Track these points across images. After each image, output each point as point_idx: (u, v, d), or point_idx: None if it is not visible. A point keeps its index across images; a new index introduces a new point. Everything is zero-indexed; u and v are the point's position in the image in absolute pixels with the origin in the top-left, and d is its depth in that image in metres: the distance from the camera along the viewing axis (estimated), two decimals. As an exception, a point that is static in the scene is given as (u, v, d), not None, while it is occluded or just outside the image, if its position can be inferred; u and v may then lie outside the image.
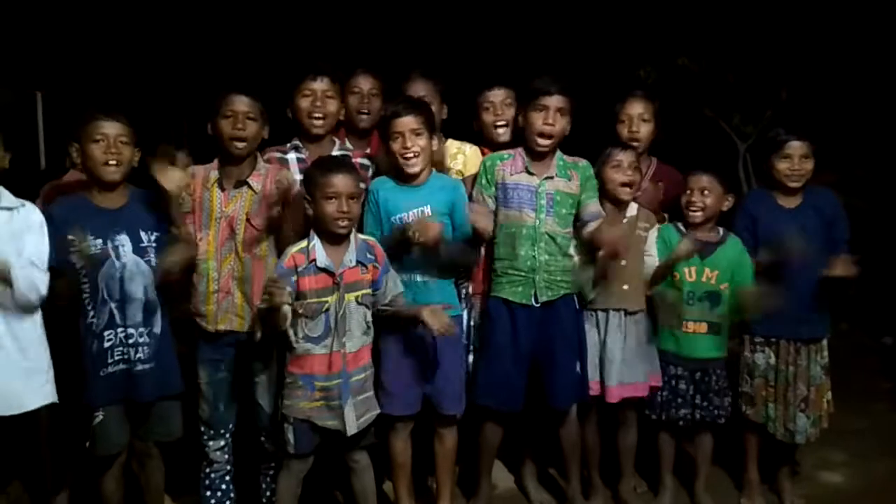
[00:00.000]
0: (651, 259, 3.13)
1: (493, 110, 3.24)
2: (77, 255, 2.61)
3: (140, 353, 2.71)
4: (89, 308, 2.68)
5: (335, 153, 3.05)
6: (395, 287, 2.78)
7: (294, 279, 2.60)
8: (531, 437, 3.37)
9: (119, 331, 2.69)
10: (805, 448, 3.39)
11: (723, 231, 3.17)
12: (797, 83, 6.22)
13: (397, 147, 2.86)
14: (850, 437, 3.82)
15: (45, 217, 2.68)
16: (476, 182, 3.09)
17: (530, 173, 3.00)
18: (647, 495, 3.38)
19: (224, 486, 2.99)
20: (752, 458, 3.33)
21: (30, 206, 2.70)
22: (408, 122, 2.85)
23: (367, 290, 2.72)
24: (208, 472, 2.98)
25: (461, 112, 3.38)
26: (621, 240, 2.87)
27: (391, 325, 2.85)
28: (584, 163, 3.09)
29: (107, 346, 2.68)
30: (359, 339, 2.70)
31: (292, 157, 3.09)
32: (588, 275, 3.05)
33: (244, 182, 2.82)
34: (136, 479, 2.95)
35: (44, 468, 2.88)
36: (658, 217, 3.26)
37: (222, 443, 2.95)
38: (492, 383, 3.01)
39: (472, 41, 7.21)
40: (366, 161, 3.17)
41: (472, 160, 3.23)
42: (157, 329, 2.75)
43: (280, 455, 2.79)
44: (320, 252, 2.64)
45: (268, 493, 3.00)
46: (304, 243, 2.66)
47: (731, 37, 6.15)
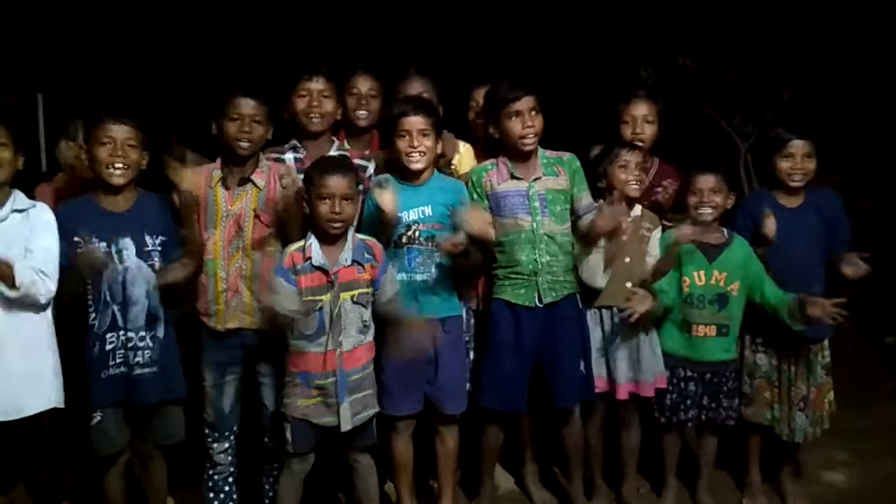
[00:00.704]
0: (653, 260, 3.12)
1: (476, 108, 3.30)
2: (81, 259, 2.58)
3: (140, 357, 2.70)
4: (92, 310, 2.68)
5: (333, 153, 3.05)
6: (392, 286, 2.78)
7: (294, 278, 2.62)
8: (533, 437, 3.36)
9: (120, 334, 2.69)
10: (807, 448, 3.39)
11: (728, 232, 3.15)
12: (799, 83, 6.21)
13: (403, 145, 2.86)
14: (853, 437, 3.80)
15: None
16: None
17: (517, 178, 2.97)
18: (650, 496, 3.38)
19: (227, 487, 3.00)
20: (753, 459, 3.32)
21: (41, 206, 2.72)
22: (416, 122, 2.85)
23: (365, 290, 2.72)
24: (211, 473, 2.98)
25: (459, 112, 3.41)
26: (618, 215, 2.87)
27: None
28: (568, 156, 3.06)
29: (108, 348, 2.68)
30: (354, 338, 2.70)
31: (289, 157, 3.09)
32: (597, 259, 3.02)
33: (248, 179, 2.82)
34: (140, 480, 2.95)
35: (46, 471, 2.88)
36: (677, 217, 3.24)
37: (226, 445, 2.95)
38: (495, 385, 3.00)
39: (472, 41, 7.20)
40: (364, 162, 3.16)
41: (465, 158, 3.26)
42: (161, 333, 2.75)
43: (282, 455, 2.79)
44: (316, 251, 2.65)
45: (270, 494, 3.01)
46: (301, 242, 2.68)
47: (733, 36, 6.13)
